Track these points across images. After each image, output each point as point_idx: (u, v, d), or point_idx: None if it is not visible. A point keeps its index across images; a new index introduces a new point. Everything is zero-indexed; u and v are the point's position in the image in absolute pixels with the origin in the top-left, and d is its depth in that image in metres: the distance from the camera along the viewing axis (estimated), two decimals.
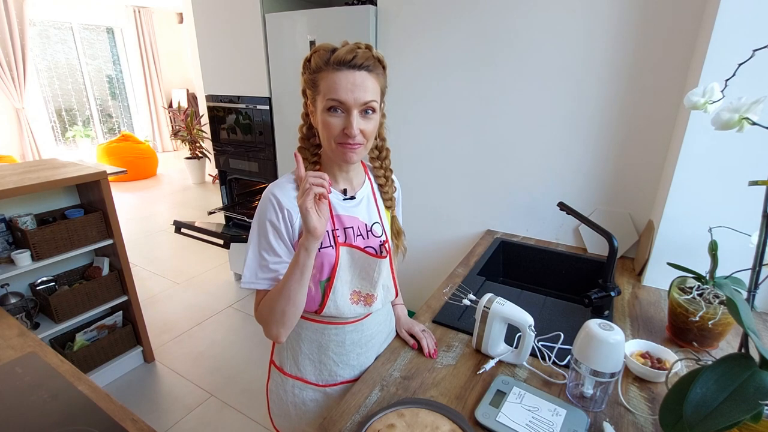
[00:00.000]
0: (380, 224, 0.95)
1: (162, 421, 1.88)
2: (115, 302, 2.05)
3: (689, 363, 0.95)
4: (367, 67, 0.77)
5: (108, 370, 2.08)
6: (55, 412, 0.97)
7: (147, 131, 7.27)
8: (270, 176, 2.48)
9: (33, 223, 1.79)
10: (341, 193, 0.90)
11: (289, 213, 0.84)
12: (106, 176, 1.88)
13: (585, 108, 1.54)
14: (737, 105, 0.65)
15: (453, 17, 1.69)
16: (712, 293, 1.03)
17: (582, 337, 0.82)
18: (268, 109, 2.33)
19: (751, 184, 0.72)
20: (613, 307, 1.23)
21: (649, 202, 1.52)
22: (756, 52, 0.67)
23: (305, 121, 0.89)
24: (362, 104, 0.77)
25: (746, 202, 1.16)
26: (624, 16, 1.39)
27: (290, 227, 0.85)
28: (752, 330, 0.58)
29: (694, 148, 1.22)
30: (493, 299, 0.97)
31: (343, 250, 0.88)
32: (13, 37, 5.11)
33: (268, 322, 0.82)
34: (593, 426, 0.81)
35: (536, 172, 1.70)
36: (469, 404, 0.87)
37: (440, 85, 1.80)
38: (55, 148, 6.09)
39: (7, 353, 1.19)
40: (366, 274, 0.91)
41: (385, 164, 0.97)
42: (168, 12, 7.08)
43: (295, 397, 0.99)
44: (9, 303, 1.73)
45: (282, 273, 0.83)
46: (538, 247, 1.68)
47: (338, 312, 0.90)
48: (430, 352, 1.02)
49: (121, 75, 6.94)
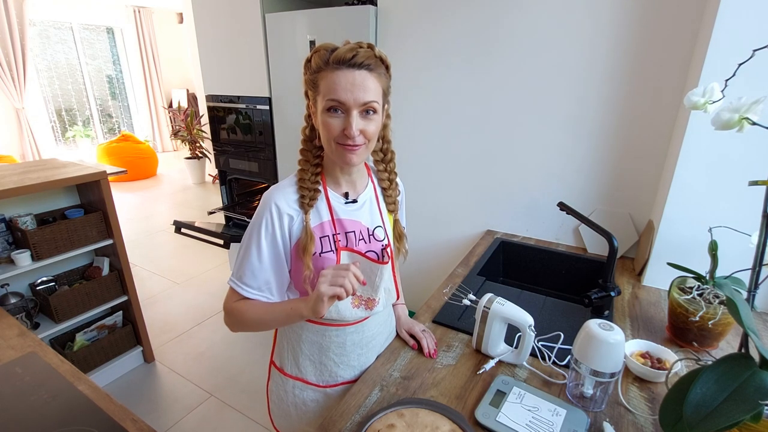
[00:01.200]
0: (382, 228, 0.94)
1: (162, 421, 1.88)
2: (115, 302, 2.05)
3: (689, 363, 0.95)
4: (368, 67, 0.75)
5: (108, 370, 2.08)
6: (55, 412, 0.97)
7: (147, 131, 7.27)
8: (270, 176, 2.48)
9: (33, 223, 1.79)
10: (343, 196, 0.89)
11: (289, 218, 0.83)
12: (106, 176, 1.88)
13: (585, 108, 1.54)
14: (737, 105, 0.65)
15: (453, 17, 1.69)
16: (712, 293, 1.03)
17: (582, 337, 0.82)
18: (268, 109, 2.33)
19: (751, 184, 0.72)
20: (613, 307, 1.23)
21: (649, 202, 1.52)
22: (756, 52, 0.67)
23: (307, 122, 0.87)
24: (362, 104, 0.75)
25: (746, 202, 1.16)
26: (624, 15, 1.39)
27: (287, 233, 0.84)
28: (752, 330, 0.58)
29: (694, 148, 1.22)
30: (493, 299, 0.97)
31: (344, 255, 0.87)
32: (13, 37, 5.11)
33: (237, 324, 0.88)
34: (593, 426, 0.81)
35: (536, 172, 1.70)
36: (469, 404, 0.87)
37: (440, 84, 1.80)
38: (55, 148, 6.09)
39: (7, 353, 1.19)
40: (367, 279, 0.90)
41: (389, 167, 0.95)
42: (168, 12, 7.07)
43: (295, 398, 0.99)
44: (9, 303, 1.73)
45: (266, 288, 0.86)
46: (538, 247, 1.68)
47: (339, 316, 0.90)
48: (430, 352, 1.02)
49: (121, 75, 6.94)
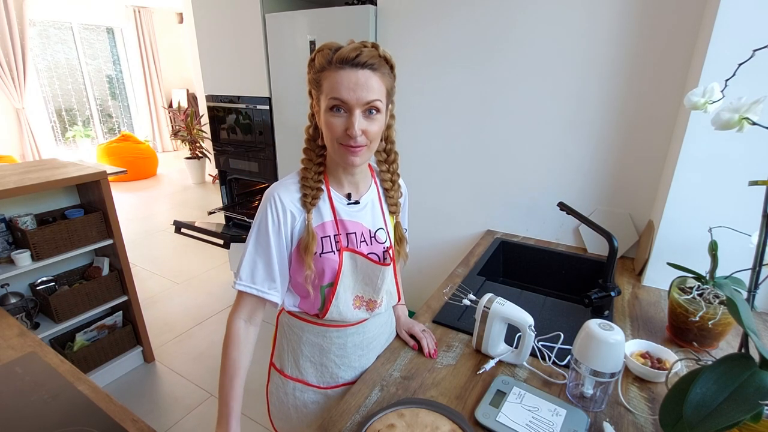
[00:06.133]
0: (384, 230, 0.93)
1: (162, 421, 1.88)
2: (115, 302, 2.05)
3: (689, 363, 0.95)
4: (372, 66, 0.74)
5: (108, 370, 2.08)
6: (55, 412, 0.97)
7: (147, 131, 7.26)
8: (270, 176, 2.48)
9: (33, 223, 1.79)
10: (345, 197, 0.89)
11: (292, 216, 0.83)
12: (106, 176, 1.87)
13: (585, 108, 1.54)
14: (737, 105, 0.65)
15: (453, 17, 1.69)
16: (712, 293, 1.03)
17: (582, 337, 0.82)
18: (268, 109, 2.33)
19: (751, 184, 0.72)
20: (613, 307, 1.23)
21: (649, 202, 1.52)
22: (756, 52, 0.67)
23: (311, 121, 0.86)
24: (365, 104, 0.75)
25: (746, 202, 1.16)
26: (624, 16, 1.39)
27: (289, 231, 0.84)
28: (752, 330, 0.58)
29: (694, 148, 1.22)
30: (493, 299, 0.97)
31: (346, 256, 0.87)
32: (13, 37, 5.11)
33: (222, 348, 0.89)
34: (593, 426, 0.81)
35: (536, 172, 1.70)
36: (469, 404, 0.87)
37: (440, 84, 1.80)
38: (55, 148, 6.08)
39: (7, 353, 1.19)
40: (369, 280, 0.90)
41: (392, 168, 0.94)
42: (168, 12, 7.07)
43: (296, 400, 0.98)
44: (9, 303, 1.72)
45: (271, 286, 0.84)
46: (538, 247, 1.68)
47: (341, 316, 0.90)
48: (430, 352, 1.02)
49: (121, 75, 6.94)
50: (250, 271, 0.84)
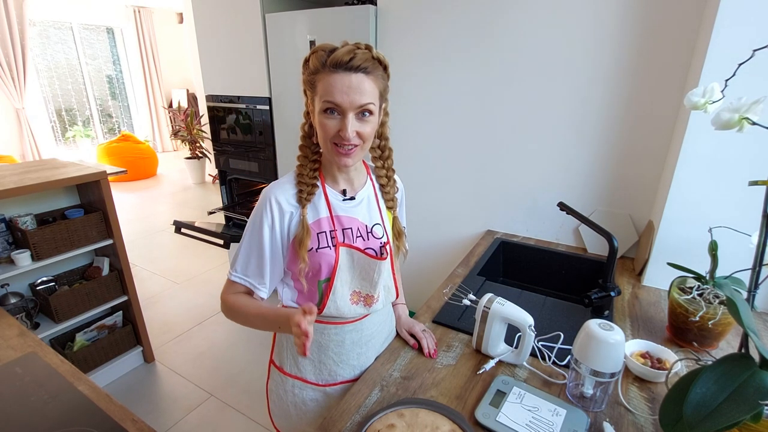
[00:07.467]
0: (381, 225, 0.94)
1: (162, 421, 1.88)
2: (115, 302, 2.05)
3: (689, 363, 0.95)
4: (365, 69, 0.76)
5: (108, 370, 2.08)
6: (55, 412, 0.97)
7: (147, 131, 7.26)
8: (270, 176, 2.48)
9: (33, 223, 1.79)
10: (340, 193, 0.90)
11: (289, 214, 0.85)
12: (106, 176, 1.88)
13: (585, 107, 1.54)
14: (737, 105, 0.65)
15: (453, 17, 1.69)
16: (712, 293, 1.03)
17: (582, 337, 0.82)
18: (268, 109, 2.33)
19: (751, 184, 0.72)
20: (613, 307, 1.23)
21: (649, 202, 1.52)
22: (756, 52, 0.67)
23: (306, 119, 0.88)
24: (358, 107, 0.76)
25: (746, 202, 1.16)
26: (624, 16, 1.39)
27: (285, 229, 0.86)
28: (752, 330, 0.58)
29: (694, 148, 1.22)
30: (493, 299, 0.97)
31: (343, 251, 0.88)
32: (13, 37, 5.11)
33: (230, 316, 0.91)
34: (593, 426, 0.81)
35: (536, 172, 1.70)
36: (469, 404, 0.87)
37: (440, 84, 1.80)
38: (55, 148, 6.08)
39: (7, 353, 1.19)
40: (366, 275, 0.91)
41: (387, 164, 0.96)
42: (168, 12, 7.07)
43: (295, 397, 0.99)
44: (9, 303, 1.72)
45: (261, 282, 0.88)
46: (538, 247, 1.68)
47: (338, 312, 0.90)
48: (430, 352, 1.02)
49: (121, 75, 6.94)
50: (244, 265, 0.88)
